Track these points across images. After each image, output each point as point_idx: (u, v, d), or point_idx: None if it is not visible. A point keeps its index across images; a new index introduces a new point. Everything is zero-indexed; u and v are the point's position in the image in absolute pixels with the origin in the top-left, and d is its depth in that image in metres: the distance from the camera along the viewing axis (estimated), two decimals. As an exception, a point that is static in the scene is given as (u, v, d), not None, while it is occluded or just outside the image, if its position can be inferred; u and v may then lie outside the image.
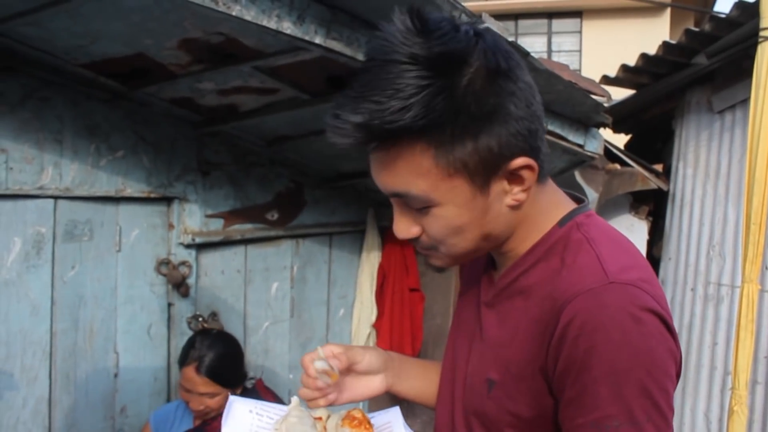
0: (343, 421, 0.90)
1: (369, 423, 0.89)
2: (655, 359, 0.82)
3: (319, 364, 0.98)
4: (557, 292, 0.88)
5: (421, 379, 1.19)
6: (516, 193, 0.91)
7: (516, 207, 0.93)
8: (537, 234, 0.97)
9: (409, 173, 0.86)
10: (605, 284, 0.84)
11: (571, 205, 1.00)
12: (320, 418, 0.94)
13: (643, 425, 0.81)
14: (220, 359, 2.29)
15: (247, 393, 2.37)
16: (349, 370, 1.08)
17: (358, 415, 0.91)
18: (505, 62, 0.86)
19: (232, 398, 0.96)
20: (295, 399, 0.97)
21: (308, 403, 1.04)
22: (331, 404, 1.04)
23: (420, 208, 0.90)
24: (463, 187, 0.87)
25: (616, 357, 0.81)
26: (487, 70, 0.84)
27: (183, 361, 2.31)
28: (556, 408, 0.89)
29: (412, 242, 0.97)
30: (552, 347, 0.86)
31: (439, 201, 0.88)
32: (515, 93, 0.86)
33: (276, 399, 2.39)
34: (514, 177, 0.90)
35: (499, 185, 0.90)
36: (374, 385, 1.11)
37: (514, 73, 0.87)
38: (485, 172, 0.87)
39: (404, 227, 0.94)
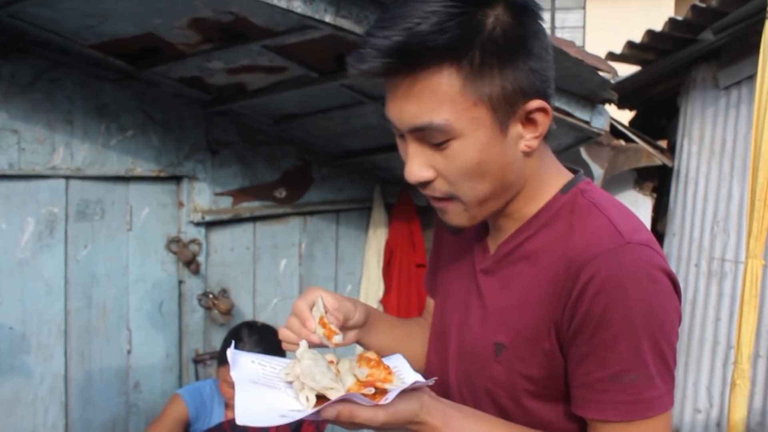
0: (359, 362, 0.89)
1: (385, 364, 0.90)
2: (667, 316, 0.88)
3: (320, 330, 0.97)
4: (572, 253, 0.90)
5: (389, 335, 1.18)
6: (529, 139, 0.93)
7: (528, 154, 0.95)
8: (541, 197, 0.99)
9: (434, 101, 0.86)
10: (623, 245, 0.88)
11: (569, 174, 1.04)
12: (332, 361, 0.93)
13: (654, 378, 0.87)
14: (271, 353, 2.22)
15: None
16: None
17: (373, 356, 0.90)
18: (531, 2, 0.91)
19: (233, 351, 0.95)
20: (303, 343, 0.94)
21: (284, 345, 1.02)
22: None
23: (439, 143, 0.89)
24: (485, 120, 0.88)
25: (634, 314, 0.85)
26: (515, 5, 0.88)
27: None
28: (565, 366, 0.92)
29: (425, 191, 0.94)
30: (569, 304, 0.89)
31: (461, 132, 0.87)
32: (538, 34, 0.90)
33: None
34: (529, 121, 0.92)
35: (515, 128, 0.92)
36: (348, 337, 1.09)
37: (538, 15, 0.91)
38: (506, 107, 0.89)
39: (416, 169, 0.91)
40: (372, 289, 3.56)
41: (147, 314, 2.73)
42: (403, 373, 0.95)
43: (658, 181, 4.17)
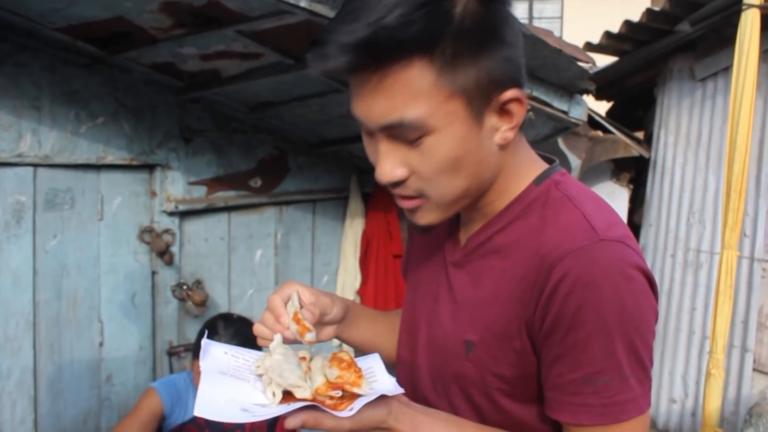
0: (331, 362, 0.87)
1: (357, 366, 0.88)
2: (643, 316, 0.85)
3: (294, 326, 0.95)
4: (544, 250, 0.87)
5: (370, 330, 1.16)
6: (505, 130, 0.89)
7: (504, 147, 0.91)
8: (514, 189, 0.96)
9: (406, 96, 0.81)
10: (596, 242, 0.84)
11: (544, 165, 1.00)
12: (305, 358, 0.91)
13: (629, 379, 0.84)
14: (247, 346, 2.15)
15: None
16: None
17: (345, 357, 0.88)
18: None
19: (207, 341, 0.93)
20: (278, 337, 0.93)
21: (259, 341, 1.00)
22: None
23: (413, 139, 0.84)
24: (460, 113, 0.84)
25: (608, 313, 0.82)
26: None
27: None
28: (539, 366, 0.89)
29: (396, 190, 0.90)
30: (541, 304, 0.85)
31: (436, 127, 0.83)
32: (508, 20, 0.86)
33: None
34: (504, 112, 0.88)
35: (491, 120, 0.88)
36: (327, 332, 1.07)
37: (506, 0, 0.87)
38: (481, 99, 0.85)
39: (389, 168, 0.87)
40: (349, 280, 3.54)
41: (119, 306, 2.68)
42: (377, 374, 0.92)
43: (635, 172, 4.19)
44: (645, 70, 4.09)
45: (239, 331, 2.19)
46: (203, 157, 2.89)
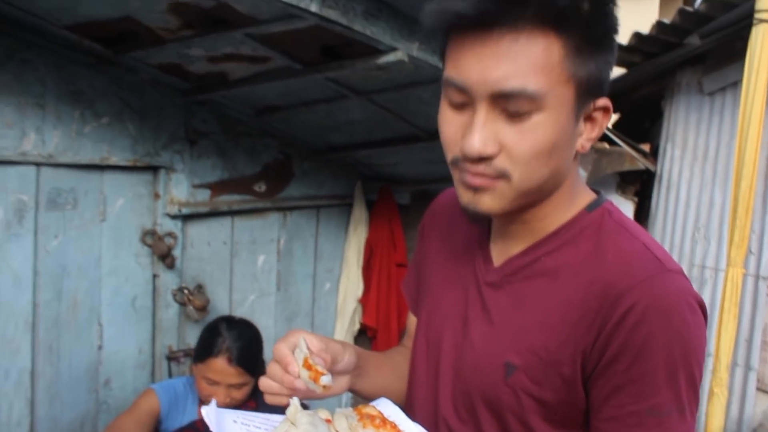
0: (363, 422, 0.82)
1: (391, 422, 0.82)
2: (702, 348, 0.86)
3: (305, 374, 0.85)
4: (608, 277, 0.86)
5: (380, 377, 1.11)
6: (586, 138, 0.89)
7: (576, 157, 0.91)
8: (566, 210, 0.94)
9: (532, 66, 0.79)
10: (663, 272, 0.85)
11: (592, 193, 0.99)
12: (330, 420, 0.84)
13: (685, 411, 0.84)
14: (251, 347, 2.17)
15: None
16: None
17: (373, 412, 0.83)
18: None
19: (209, 410, 0.85)
20: (295, 401, 0.86)
21: (267, 397, 0.92)
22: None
23: (520, 114, 0.81)
24: (568, 102, 0.83)
25: (675, 344, 0.82)
26: None
27: (209, 352, 2.10)
28: (585, 396, 0.88)
29: (475, 167, 0.84)
30: (605, 333, 0.84)
31: (548, 106, 0.81)
32: (616, 27, 0.87)
33: None
34: (590, 119, 0.89)
35: (580, 123, 0.88)
36: (340, 384, 1.00)
37: (617, 5, 0.88)
38: (585, 95, 0.85)
39: (483, 141, 0.81)
40: (351, 287, 3.51)
41: (119, 309, 2.65)
42: (401, 422, 0.87)
43: (641, 185, 4.17)
44: (653, 82, 4.08)
45: (243, 333, 2.17)
46: (208, 160, 2.86)
